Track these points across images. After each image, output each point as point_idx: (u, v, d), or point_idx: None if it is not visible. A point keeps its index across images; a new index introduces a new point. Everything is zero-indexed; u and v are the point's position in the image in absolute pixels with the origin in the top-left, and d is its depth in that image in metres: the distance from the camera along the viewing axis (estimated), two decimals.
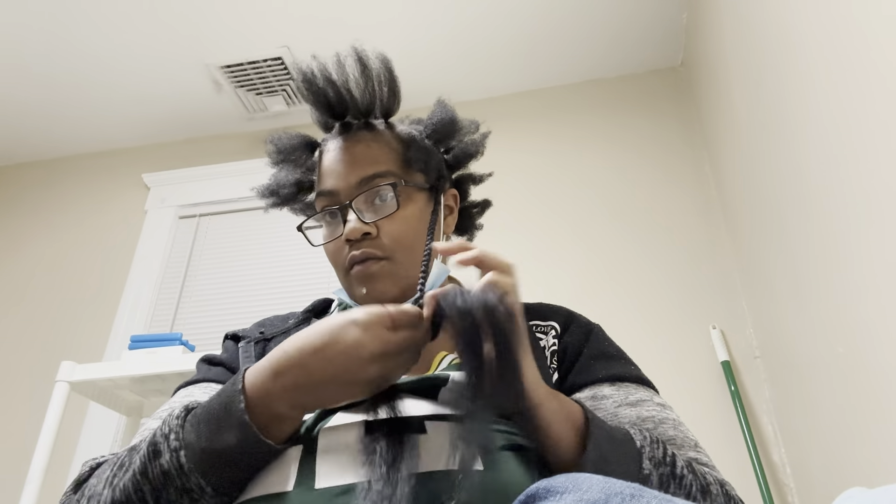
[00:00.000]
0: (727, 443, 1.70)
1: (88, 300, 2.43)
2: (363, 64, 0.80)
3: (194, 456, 0.54)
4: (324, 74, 0.80)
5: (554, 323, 0.80)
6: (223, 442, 0.54)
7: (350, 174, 0.78)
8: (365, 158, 0.79)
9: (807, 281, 1.32)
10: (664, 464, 0.58)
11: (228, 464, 0.54)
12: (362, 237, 0.75)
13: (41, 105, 2.57)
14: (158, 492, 0.54)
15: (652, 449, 0.59)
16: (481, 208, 0.97)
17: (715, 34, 1.89)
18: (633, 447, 0.58)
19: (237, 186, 2.49)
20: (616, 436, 0.59)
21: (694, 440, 0.69)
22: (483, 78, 2.47)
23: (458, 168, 0.91)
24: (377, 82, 0.81)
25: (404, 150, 0.82)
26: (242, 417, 0.54)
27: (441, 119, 0.86)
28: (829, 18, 1.09)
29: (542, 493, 0.37)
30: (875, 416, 1.06)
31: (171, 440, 0.55)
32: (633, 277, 2.03)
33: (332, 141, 0.83)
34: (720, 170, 2.02)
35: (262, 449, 0.55)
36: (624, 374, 0.73)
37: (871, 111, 0.97)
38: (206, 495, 0.54)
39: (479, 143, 0.91)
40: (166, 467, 0.54)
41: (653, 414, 0.69)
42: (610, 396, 0.71)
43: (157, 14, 2.20)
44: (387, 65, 0.82)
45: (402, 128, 0.85)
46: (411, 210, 0.78)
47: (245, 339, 0.80)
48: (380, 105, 0.83)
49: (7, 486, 2.05)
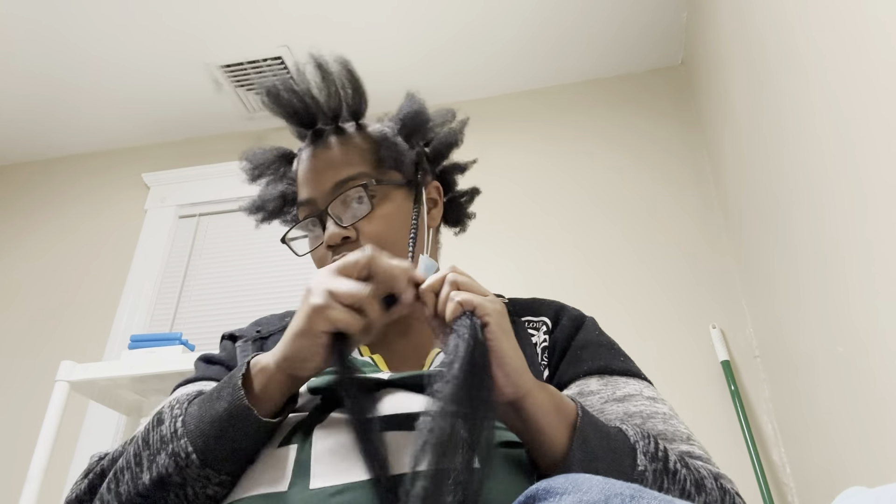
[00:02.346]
0: (727, 442, 1.70)
1: (88, 300, 2.43)
2: (323, 69, 0.80)
3: (188, 423, 0.57)
4: (286, 86, 0.80)
5: (545, 318, 0.79)
6: (214, 409, 0.56)
7: (323, 181, 0.79)
8: (336, 163, 0.79)
9: (807, 280, 1.32)
10: (657, 459, 0.57)
11: (216, 432, 0.55)
12: (342, 241, 0.76)
13: (41, 104, 2.57)
14: (153, 456, 0.57)
15: (646, 444, 0.58)
16: (470, 196, 0.95)
17: (715, 33, 1.89)
18: (626, 443, 0.57)
19: (237, 186, 2.48)
20: (609, 431, 0.58)
21: (686, 433, 0.67)
22: (482, 77, 2.47)
23: (440, 159, 0.90)
24: (339, 85, 0.82)
25: (376, 149, 0.81)
26: (237, 384, 0.56)
27: (408, 113, 0.85)
28: (830, 17, 1.09)
29: (541, 493, 0.37)
30: (875, 415, 1.06)
31: (174, 410, 0.59)
32: (633, 277, 2.03)
33: (305, 150, 0.84)
34: (720, 169, 2.02)
35: (249, 419, 0.55)
36: (612, 365, 0.72)
37: (872, 110, 0.97)
38: (191, 463, 0.55)
39: (458, 132, 0.89)
40: (164, 432, 0.57)
41: (641, 409, 0.68)
42: (597, 392, 0.69)
43: (157, 14, 2.20)
44: (346, 66, 0.82)
45: (374, 127, 0.85)
46: (389, 208, 0.78)
47: (243, 339, 0.81)
48: (346, 107, 0.83)
49: (7, 486, 2.05)
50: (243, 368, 0.58)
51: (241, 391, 0.56)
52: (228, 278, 2.37)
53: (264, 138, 2.64)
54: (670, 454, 0.59)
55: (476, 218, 0.97)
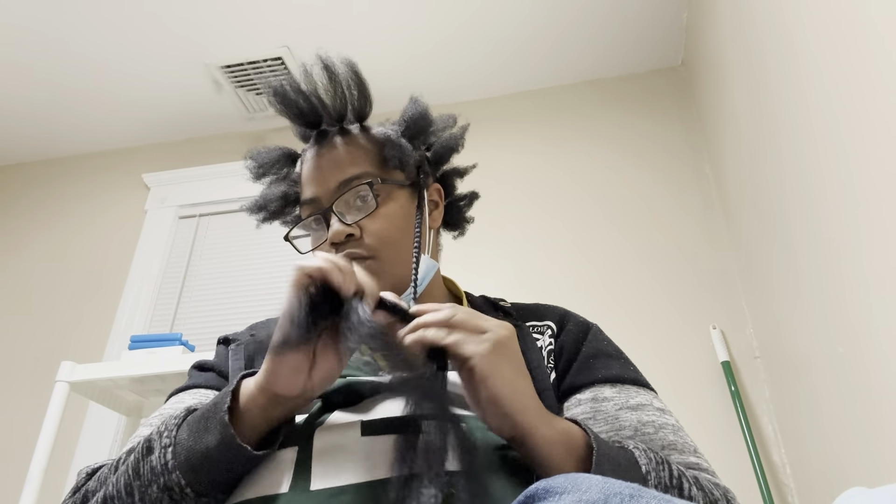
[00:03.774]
0: (727, 443, 1.70)
1: (88, 300, 2.43)
2: (330, 70, 0.82)
3: (180, 454, 0.55)
4: (293, 86, 0.82)
5: (550, 322, 0.80)
6: (204, 443, 0.55)
7: (328, 179, 0.80)
8: (341, 162, 0.80)
9: (807, 281, 1.32)
10: (671, 487, 0.57)
11: (208, 465, 0.54)
12: (346, 239, 0.76)
13: (41, 105, 2.57)
14: (144, 488, 0.55)
15: (658, 472, 0.57)
16: (469, 200, 0.97)
17: (715, 33, 1.89)
18: (637, 473, 0.56)
19: (237, 186, 2.49)
20: (621, 462, 0.57)
21: (693, 445, 0.68)
22: (480, 78, 2.47)
23: (440, 163, 0.91)
24: (346, 87, 0.83)
25: (380, 150, 0.83)
26: (223, 418, 0.54)
27: (412, 115, 0.86)
28: (831, 17, 1.09)
29: (541, 493, 0.37)
30: (875, 415, 1.06)
31: (163, 437, 0.56)
32: (633, 277, 2.03)
33: (310, 150, 0.85)
34: (720, 170, 2.02)
35: (240, 452, 0.54)
36: (624, 375, 0.73)
37: (873, 111, 0.97)
38: (186, 497, 0.54)
39: (459, 137, 0.91)
40: (154, 463, 0.55)
41: (653, 419, 0.68)
42: (611, 399, 0.70)
43: (158, 14, 2.20)
44: (353, 68, 0.83)
45: (378, 129, 0.86)
46: (392, 208, 0.79)
47: (235, 343, 0.81)
48: (352, 109, 0.84)
49: (7, 486, 2.05)
50: (227, 398, 0.56)
51: (229, 428, 0.54)
52: (228, 279, 2.37)
53: (264, 139, 2.64)
54: (684, 480, 0.58)
55: (475, 222, 0.98)
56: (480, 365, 0.53)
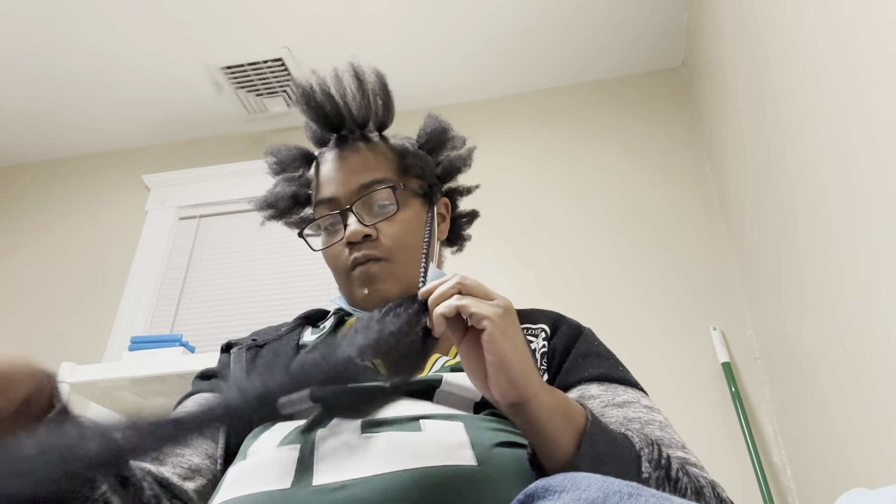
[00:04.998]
0: (728, 444, 1.70)
1: (88, 301, 2.43)
2: (359, 79, 0.85)
3: None
4: (322, 89, 0.85)
5: (544, 325, 0.81)
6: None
7: (349, 181, 0.82)
8: (363, 166, 0.83)
9: (807, 282, 1.32)
10: (660, 466, 0.58)
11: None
12: (363, 239, 0.79)
13: (41, 106, 2.57)
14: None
15: (650, 452, 0.59)
16: (469, 218, 1.01)
17: (716, 35, 1.89)
18: (632, 450, 0.58)
19: (237, 187, 2.49)
20: (616, 437, 0.58)
21: (681, 442, 0.69)
22: (479, 79, 2.47)
23: (446, 181, 0.95)
24: (373, 96, 0.86)
25: (400, 158, 0.86)
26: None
27: (434, 129, 0.90)
28: (832, 18, 1.09)
29: (540, 491, 0.37)
30: (876, 416, 1.06)
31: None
32: (634, 279, 2.03)
33: (330, 152, 0.87)
34: (721, 171, 2.02)
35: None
36: (612, 374, 0.74)
37: (874, 112, 0.97)
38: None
39: (466, 158, 0.95)
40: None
41: (639, 415, 0.69)
42: (597, 396, 0.71)
43: (158, 15, 2.21)
44: (382, 80, 0.87)
45: (395, 140, 0.90)
46: (408, 213, 0.82)
47: (237, 346, 0.82)
48: (375, 118, 0.87)
49: None
50: None
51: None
52: (229, 280, 2.37)
53: (264, 140, 2.64)
54: (672, 462, 0.59)
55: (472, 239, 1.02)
56: (492, 327, 0.54)
